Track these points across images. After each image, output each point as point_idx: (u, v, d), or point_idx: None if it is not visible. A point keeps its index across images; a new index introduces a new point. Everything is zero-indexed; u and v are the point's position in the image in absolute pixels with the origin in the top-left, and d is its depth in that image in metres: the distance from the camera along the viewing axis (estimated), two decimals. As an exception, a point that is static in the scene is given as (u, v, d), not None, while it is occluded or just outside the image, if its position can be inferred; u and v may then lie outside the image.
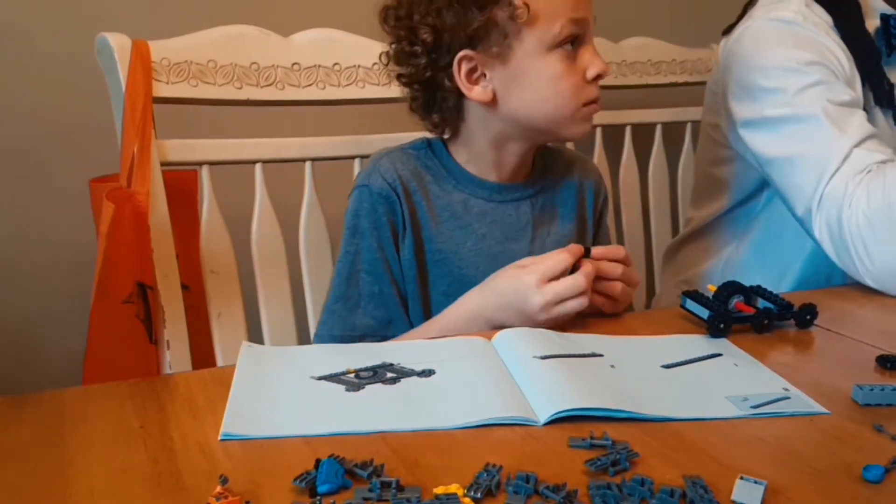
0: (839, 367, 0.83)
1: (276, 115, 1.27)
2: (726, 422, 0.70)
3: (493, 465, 0.60)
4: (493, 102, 0.99)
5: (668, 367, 0.82)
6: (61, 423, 0.69)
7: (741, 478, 0.58)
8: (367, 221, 1.02)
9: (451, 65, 0.98)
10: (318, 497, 0.57)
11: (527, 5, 0.94)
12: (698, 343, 0.89)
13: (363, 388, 0.76)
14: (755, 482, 0.57)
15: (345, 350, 0.87)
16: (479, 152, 1.05)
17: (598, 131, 1.64)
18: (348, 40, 1.28)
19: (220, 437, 0.66)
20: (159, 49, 1.13)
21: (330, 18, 1.30)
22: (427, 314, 1.03)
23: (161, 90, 1.13)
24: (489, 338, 0.88)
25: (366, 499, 0.57)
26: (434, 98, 1.03)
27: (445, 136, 1.08)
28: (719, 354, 0.86)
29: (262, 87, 1.21)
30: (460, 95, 1.01)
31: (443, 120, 1.05)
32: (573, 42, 0.97)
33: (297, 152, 1.26)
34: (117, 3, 1.58)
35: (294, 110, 1.26)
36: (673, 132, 1.77)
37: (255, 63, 1.20)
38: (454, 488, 0.57)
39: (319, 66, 1.25)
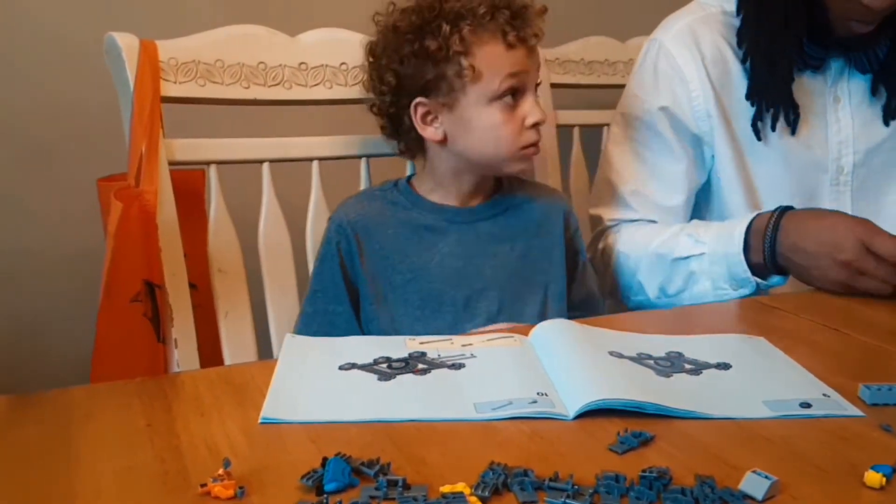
0: (846, 367, 0.83)
1: (283, 114, 1.27)
2: (733, 421, 0.70)
3: (499, 464, 0.60)
4: (444, 142, 1.11)
5: (698, 369, 0.82)
6: (68, 421, 0.70)
7: (753, 471, 0.58)
8: (329, 249, 1.12)
9: (409, 106, 1.10)
10: (325, 495, 0.57)
11: (472, 67, 1.05)
12: (735, 343, 0.89)
13: (394, 377, 0.78)
14: (766, 476, 0.57)
15: (381, 341, 0.90)
16: (440, 180, 1.15)
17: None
18: (355, 40, 1.27)
19: (259, 421, 0.69)
20: (167, 49, 1.13)
21: (337, 18, 1.30)
22: (396, 329, 1.10)
23: (169, 90, 1.13)
24: (526, 333, 0.89)
25: (372, 497, 0.57)
26: (398, 130, 1.16)
27: (413, 161, 1.23)
28: (759, 355, 0.86)
29: (269, 86, 1.21)
30: (419, 132, 1.12)
31: (407, 148, 1.18)
32: (514, 94, 1.07)
33: (304, 152, 1.26)
34: (125, 3, 1.59)
35: (301, 110, 1.26)
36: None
37: (262, 63, 1.20)
38: (461, 487, 0.57)
39: (326, 65, 1.26)
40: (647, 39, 1.39)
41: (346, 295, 1.11)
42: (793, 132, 1.30)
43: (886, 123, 1.33)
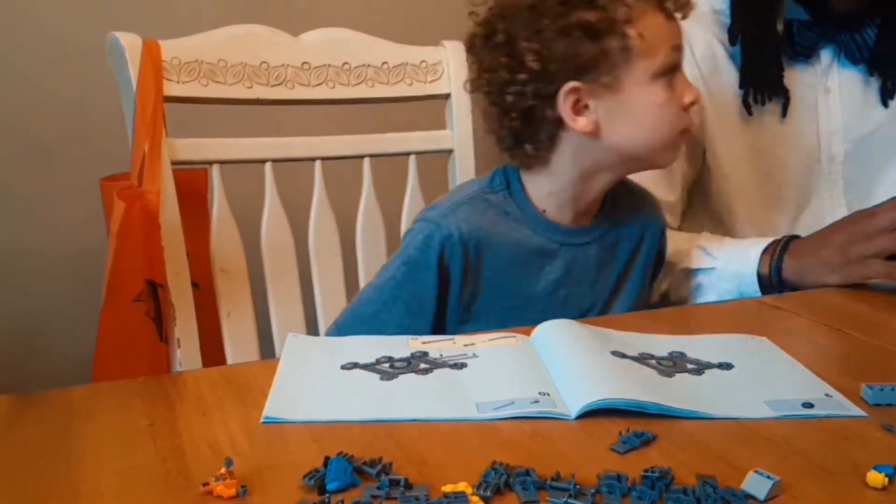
0: (848, 367, 0.83)
1: (285, 114, 1.28)
2: (735, 421, 0.70)
3: (501, 464, 0.60)
4: (594, 133, 0.97)
5: (700, 369, 0.82)
6: (69, 421, 0.69)
7: (755, 471, 0.58)
8: (426, 258, 1.00)
9: (555, 94, 0.96)
10: (327, 495, 0.57)
11: (641, 35, 0.93)
12: (737, 343, 0.89)
13: (396, 377, 0.78)
14: (768, 476, 0.57)
15: (383, 341, 0.89)
16: (561, 187, 1.02)
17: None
18: (358, 39, 1.28)
19: (261, 420, 0.69)
20: (170, 48, 1.13)
21: (339, 18, 1.30)
22: None
23: (172, 89, 1.13)
24: (528, 333, 0.88)
25: (374, 497, 0.56)
26: (530, 128, 1.00)
27: (527, 169, 1.05)
28: (761, 355, 0.86)
29: (271, 86, 1.21)
30: (558, 126, 0.98)
31: (536, 150, 1.01)
32: (671, 70, 0.97)
33: (307, 151, 1.26)
34: (126, 3, 1.59)
35: (304, 109, 1.27)
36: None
37: (264, 62, 1.20)
38: (462, 486, 0.57)
39: (329, 65, 1.25)
40: None
41: (432, 312, 1.00)
42: (783, 114, 1.32)
43: (885, 105, 1.35)
